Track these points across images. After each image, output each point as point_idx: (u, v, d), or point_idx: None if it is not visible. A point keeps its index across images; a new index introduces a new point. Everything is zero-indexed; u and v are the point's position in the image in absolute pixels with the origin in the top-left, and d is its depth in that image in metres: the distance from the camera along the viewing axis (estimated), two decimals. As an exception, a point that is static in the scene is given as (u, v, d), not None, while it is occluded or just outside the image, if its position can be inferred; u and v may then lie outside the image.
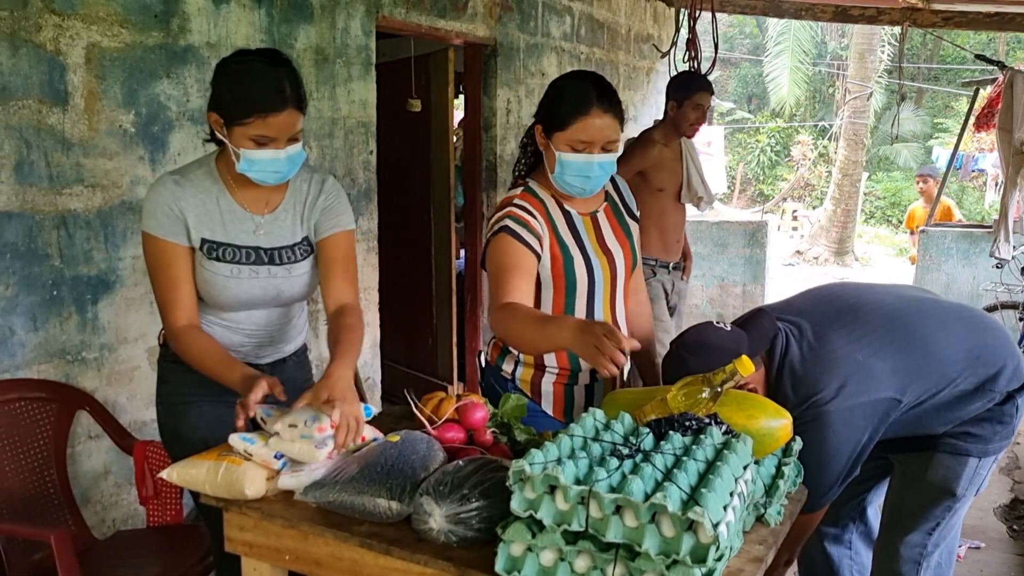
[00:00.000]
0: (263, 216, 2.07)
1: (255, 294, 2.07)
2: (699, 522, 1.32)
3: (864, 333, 2.09)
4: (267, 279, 2.07)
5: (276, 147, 1.92)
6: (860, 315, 2.14)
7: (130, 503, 2.91)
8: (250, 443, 1.77)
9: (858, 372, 2.02)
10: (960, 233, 6.26)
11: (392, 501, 1.63)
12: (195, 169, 2.04)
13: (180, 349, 1.99)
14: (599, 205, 2.25)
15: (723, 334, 2.03)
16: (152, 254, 2.00)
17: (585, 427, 1.65)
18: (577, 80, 2.09)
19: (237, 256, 2.03)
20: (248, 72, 1.90)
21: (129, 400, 2.90)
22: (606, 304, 2.22)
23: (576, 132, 2.02)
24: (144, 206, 1.99)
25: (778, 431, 1.73)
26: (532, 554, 1.45)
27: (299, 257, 2.12)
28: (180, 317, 1.99)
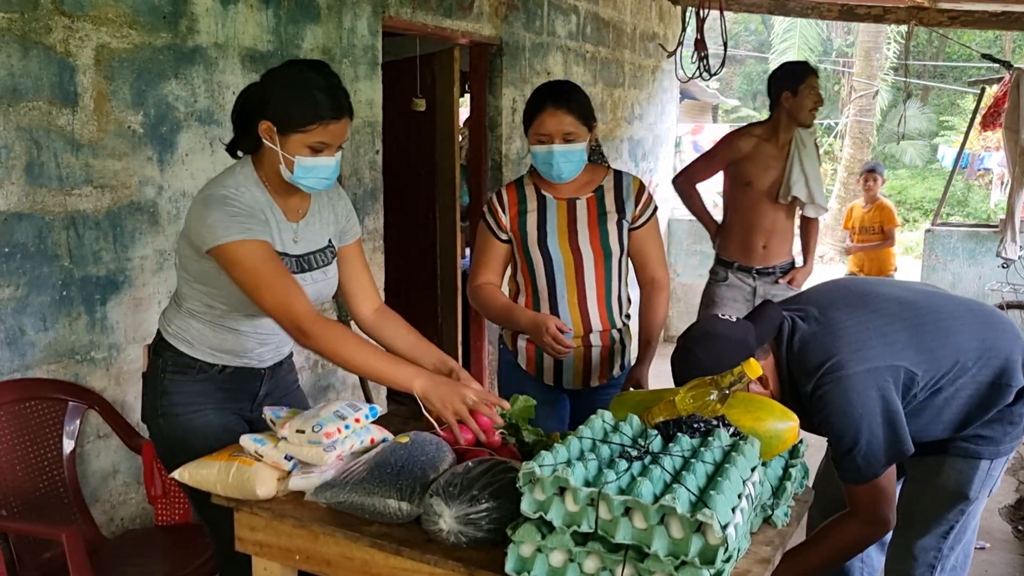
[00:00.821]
0: (298, 224, 2.10)
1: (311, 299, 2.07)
2: (708, 524, 1.33)
3: (873, 312, 2.09)
4: (311, 285, 2.08)
5: (328, 154, 1.97)
6: (869, 301, 2.15)
7: (138, 502, 2.93)
8: (261, 444, 1.78)
9: (872, 338, 2.01)
10: (966, 232, 6.25)
11: (402, 502, 1.64)
12: (240, 181, 2.00)
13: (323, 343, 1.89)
14: (582, 194, 2.53)
15: (729, 325, 2.04)
16: (249, 258, 1.89)
17: (594, 429, 1.66)
18: (539, 88, 2.51)
19: (291, 267, 2.04)
20: (306, 81, 1.93)
21: (137, 399, 2.89)
22: (571, 290, 2.52)
23: (537, 127, 2.40)
24: (208, 223, 1.89)
25: (785, 433, 1.73)
26: (542, 555, 1.46)
27: (329, 260, 2.17)
28: (304, 308, 1.89)
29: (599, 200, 2.52)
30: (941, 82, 21.80)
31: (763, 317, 2.09)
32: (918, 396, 2.02)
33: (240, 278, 1.90)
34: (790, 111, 3.81)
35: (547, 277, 2.52)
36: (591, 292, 2.52)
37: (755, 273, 4.01)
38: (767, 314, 2.10)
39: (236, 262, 1.89)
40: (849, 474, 1.97)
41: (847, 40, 21.62)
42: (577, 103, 2.40)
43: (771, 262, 4.02)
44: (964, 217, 16.29)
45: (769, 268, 4.03)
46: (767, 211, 3.95)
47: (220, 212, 1.90)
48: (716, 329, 2.03)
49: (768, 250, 4.03)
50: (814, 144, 3.90)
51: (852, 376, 1.94)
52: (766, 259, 4.03)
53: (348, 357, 1.91)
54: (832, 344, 2.00)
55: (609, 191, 2.53)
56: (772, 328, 2.07)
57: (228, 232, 1.88)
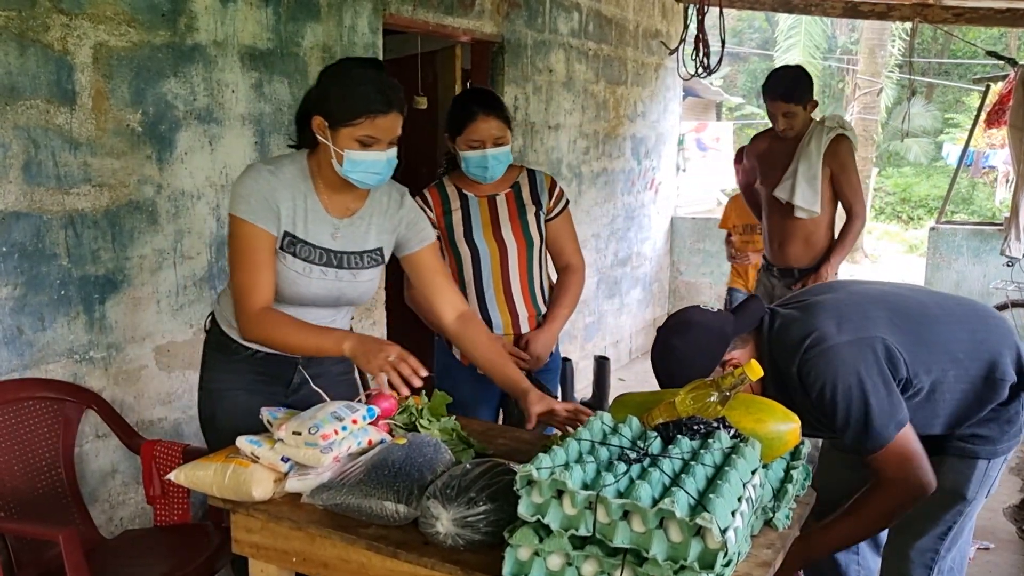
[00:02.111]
0: (342, 220, 2.13)
1: (317, 293, 2.13)
2: (707, 528, 1.31)
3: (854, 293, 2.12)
4: (333, 281, 2.13)
5: (379, 149, 1.99)
6: (851, 288, 2.17)
7: (137, 502, 2.92)
8: (257, 446, 1.77)
9: (852, 313, 2.01)
10: (971, 231, 6.22)
11: (399, 504, 1.63)
12: (288, 164, 2.09)
13: (259, 330, 2.01)
14: (500, 191, 2.72)
15: (706, 314, 2.03)
16: (240, 237, 2.02)
17: (592, 431, 1.64)
18: (463, 96, 2.73)
19: (311, 255, 2.09)
20: (357, 76, 1.98)
21: (136, 399, 2.90)
22: (496, 282, 2.70)
23: (469, 134, 2.56)
24: (236, 191, 2.03)
25: (787, 435, 1.71)
26: (539, 558, 1.44)
27: (366, 265, 2.18)
28: (259, 300, 2.01)
29: (517, 195, 2.74)
30: (945, 79, 21.72)
31: (744, 309, 2.10)
32: (912, 385, 1.99)
33: (229, 250, 2.06)
34: None
35: (474, 270, 2.69)
36: (515, 281, 2.72)
37: (776, 272, 4.04)
38: (749, 306, 2.10)
39: (232, 235, 2.04)
40: (858, 446, 1.93)
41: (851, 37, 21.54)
42: (503, 109, 2.62)
43: (788, 263, 4.01)
44: (969, 215, 16.24)
45: (787, 269, 4.01)
46: (775, 210, 3.99)
47: (246, 186, 2.02)
48: (692, 318, 2.03)
49: (783, 250, 4.03)
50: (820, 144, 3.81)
51: (836, 346, 1.92)
52: (782, 259, 4.04)
53: (280, 340, 1.99)
54: (810, 320, 2.00)
55: (524, 186, 2.76)
56: (752, 319, 2.07)
57: (239, 207, 2.01)
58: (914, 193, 18.80)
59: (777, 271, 4.08)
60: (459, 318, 2.19)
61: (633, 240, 6.48)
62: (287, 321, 2.00)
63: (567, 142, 5.36)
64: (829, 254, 3.90)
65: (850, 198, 3.87)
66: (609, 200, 6.01)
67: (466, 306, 2.24)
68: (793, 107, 3.76)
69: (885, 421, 1.90)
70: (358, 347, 1.88)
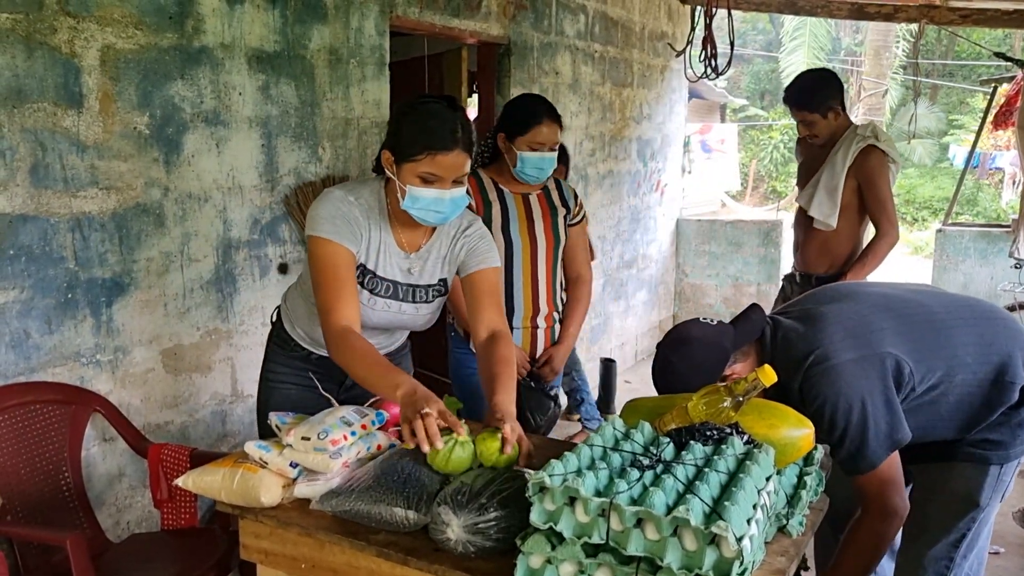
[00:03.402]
0: (411, 255, 2.13)
1: (378, 323, 2.15)
2: (723, 536, 1.30)
3: (858, 303, 2.08)
4: (396, 314, 2.14)
5: (441, 187, 1.96)
6: (854, 295, 2.14)
7: (144, 505, 2.91)
8: (265, 451, 1.76)
9: (857, 327, 1.98)
10: (978, 232, 6.20)
11: (409, 511, 1.61)
12: (366, 193, 2.08)
13: (338, 353, 1.94)
14: (532, 191, 2.85)
15: (707, 328, 2.01)
16: (322, 257, 1.98)
17: (605, 436, 1.63)
18: (528, 99, 2.83)
19: (378, 288, 2.09)
20: (424, 112, 1.96)
21: (144, 402, 2.89)
22: (525, 275, 2.82)
23: (534, 136, 2.69)
24: (316, 213, 2.01)
25: (800, 441, 1.70)
26: (551, 566, 1.43)
27: (431, 298, 2.18)
28: (344, 317, 1.95)
29: (547, 197, 2.88)
30: (950, 80, 21.69)
31: (745, 319, 2.08)
32: (916, 390, 1.98)
33: (312, 270, 2.02)
34: None
35: (505, 261, 2.75)
36: (542, 276, 2.84)
37: (797, 278, 3.97)
38: (750, 316, 2.09)
39: (314, 255, 2.01)
40: (848, 465, 1.95)
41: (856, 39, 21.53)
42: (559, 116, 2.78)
43: (806, 268, 3.93)
44: (974, 217, 16.20)
45: (806, 275, 3.93)
46: (800, 215, 3.91)
47: (327, 208, 2.00)
48: (691, 333, 2.01)
49: (802, 256, 3.97)
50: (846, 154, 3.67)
51: (839, 365, 1.91)
52: (802, 264, 3.98)
53: (353, 369, 1.93)
54: (815, 336, 1.98)
55: (553, 191, 2.92)
56: (753, 330, 2.05)
57: (322, 228, 1.99)
58: (918, 195, 18.76)
59: (798, 277, 4.00)
60: (490, 337, 2.13)
61: (639, 242, 6.47)
62: (360, 351, 1.92)
63: (573, 144, 5.34)
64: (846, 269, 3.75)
65: (877, 214, 3.68)
66: (615, 202, 6.00)
67: (501, 326, 2.16)
68: (808, 115, 3.67)
69: (879, 445, 1.91)
70: (405, 397, 1.78)
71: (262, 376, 2.36)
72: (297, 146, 3.35)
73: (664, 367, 2.00)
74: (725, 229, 7.04)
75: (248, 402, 3.28)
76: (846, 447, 1.89)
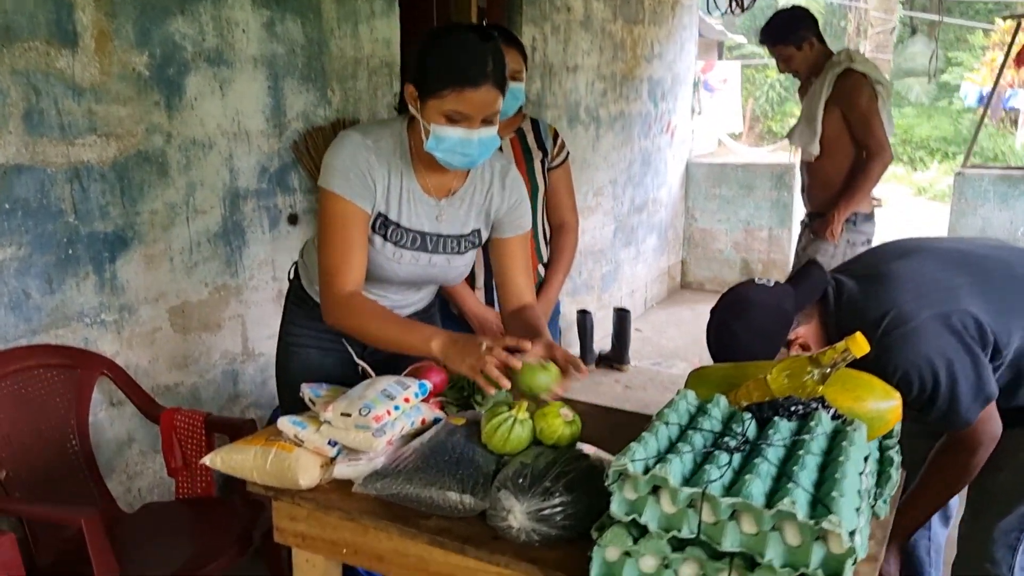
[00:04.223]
0: (440, 201, 1.94)
1: (406, 278, 1.97)
2: (833, 532, 1.16)
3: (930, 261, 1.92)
4: (425, 267, 1.96)
5: (469, 126, 1.76)
6: (924, 252, 1.97)
7: (155, 471, 2.77)
8: (301, 428, 1.61)
9: (933, 282, 1.84)
10: (998, 176, 6.02)
11: (464, 495, 1.47)
12: (386, 136, 1.88)
13: (342, 317, 1.82)
14: (504, 135, 2.52)
15: (765, 290, 1.86)
16: (333, 214, 1.83)
17: (679, 412, 1.48)
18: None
19: (404, 240, 1.91)
20: (452, 43, 1.75)
21: (152, 364, 2.73)
22: None
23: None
24: (330, 162, 1.84)
25: (888, 413, 1.56)
26: (631, 559, 1.29)
27: (463, 249, 2.00)
28: (348, 283, 1.82)
29: (522, 140, 2.60)
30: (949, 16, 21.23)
31: (805, 278, 1.92)
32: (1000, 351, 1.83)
33: (319, 225, 1.87)
34: None
35: None
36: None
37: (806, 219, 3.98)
38: (810, 275, 1.93)
39: (323, 210, 1.85)
40: (939, 425, 1.83)
41: (858, -26, 20.96)
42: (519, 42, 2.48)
43: (815, 208, 3.93)
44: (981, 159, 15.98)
45: (812, 214, 3.96)
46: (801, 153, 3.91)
47: (341, 158, 1.83)
48: (750, 296, 1.86)
49: (809, 196, 3.97)
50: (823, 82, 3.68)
51: (919, 327, 1.76)
52: (808, 203, 3.99)
53: (365, 331, 1.80)
54: (888, 296, 1.82)
55: (529, 132, 2.63)
56: (815, 290, 1.90)
57: (334, 181, 1.82)
58: (916, 134, 18.48)
59: (806, 216, 4.03)
60: (517, 309, 2.00)
61: (649, 186, 6.28)
62: (371, 311, 1.79)
63: (584, 84, 5.12)
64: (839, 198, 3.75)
65: (863, 136, 3.66)
66: (626, 144, 5.79)
67: (531, 299, 2.03)
68: (783, 48, 3.71)
69: (972, 403, 1.78)
70: (449, 347, 1.65)
71: (280, 339, 2.18)
72: (305, 88, 3.14)
73: (723, 334, 1.85)
74: (736, 172, 6.84)
75: (259, 361, 3.12)
76: (936, 410, 1.75)
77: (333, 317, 1.84)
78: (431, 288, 2.18)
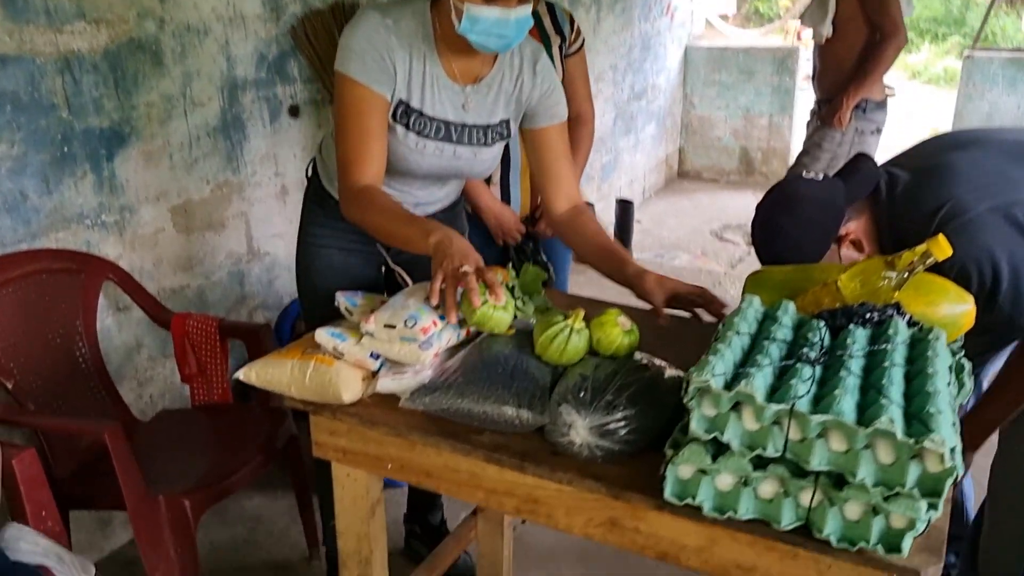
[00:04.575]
0: (466, 88, 1.79)
1: (429, 171, 1.84)
2: (931, 450, 1.09)
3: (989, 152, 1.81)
4: (450, 159, 1.82)
5: (506, 5, 1.60)
6: (982, 143, 1.85)
7: (166, 377, 2.69)
8: (340, 340, 1.51)
9: (992, 174, 1.73)
10: (1007, 59, 5.85)
11: (521, 409, 1.39)
12: (407, 17, 1.73)
13: (356, 212, 1.70)
14: None
15: (815, 185, 1.78)
16: (349, 101, 1.70)
17: (748, 320, 1.39)
18: None
19: (427, 129, 1.77)
20: None
21: (156, 266, 2.61)
22: None
23: None
24: (346, 43, 1.70)
25: (961, 318, 1.48)
26: (707, 477, 1.22)
27: (490, 141, 1.85)
28: (365, 175, 1.70)
29: (538, 24, 2.47)
30: None
31: (855, 172, 1.82)
32: None
33: (335, 112, 1.75)
34: None
35: None
36: None
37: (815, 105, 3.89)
38: (860, 168, 1.83)
39: (339, 96, 1.72)
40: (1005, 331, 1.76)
41: None
42: None
43: (825, 95, 3.83)
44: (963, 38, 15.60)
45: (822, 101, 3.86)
46: None
47: (359, 40, 1.69)
48: (800, 191, 1.77)
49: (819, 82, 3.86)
50: None
51: (977, 218, 1.66)
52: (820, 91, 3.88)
53: (375, 224, 1.68)
54: (945, 188, 1.71)
55: (545, 16, 2.51)
56: (866, 184, 1.80)
57: (351, 65, 1.69)
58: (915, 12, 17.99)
59: (815, 104, 3.92)
60: (571, 209, 1.89)
61: (648, 72, 6.06)
62: (382, 204, 1.66)
63: (587, -37, 4.86)
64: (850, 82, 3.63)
65: (876, 16, 3.52)
66: (626, 28, 5.55)
67: (581, 199, 1.92)
68: None
69: None
70: (439, 246, 1.52)
71: (300, 240, 2.06)
72: (302, -33, 2.92)
73: (773, 232, 1.76)
74: (736, 57, 6.61)
75: (265, 260, 3.01)
76: (999, 309, 1.66)
77: (349, 212, 1.73)
78: (456, 184, 2.06)
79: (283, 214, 3.03)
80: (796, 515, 1.19)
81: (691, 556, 1.31)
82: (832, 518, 1.16)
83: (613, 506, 1.34)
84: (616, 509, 1.34)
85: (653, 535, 1.33)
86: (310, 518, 2.47)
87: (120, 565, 2.50)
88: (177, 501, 1.97)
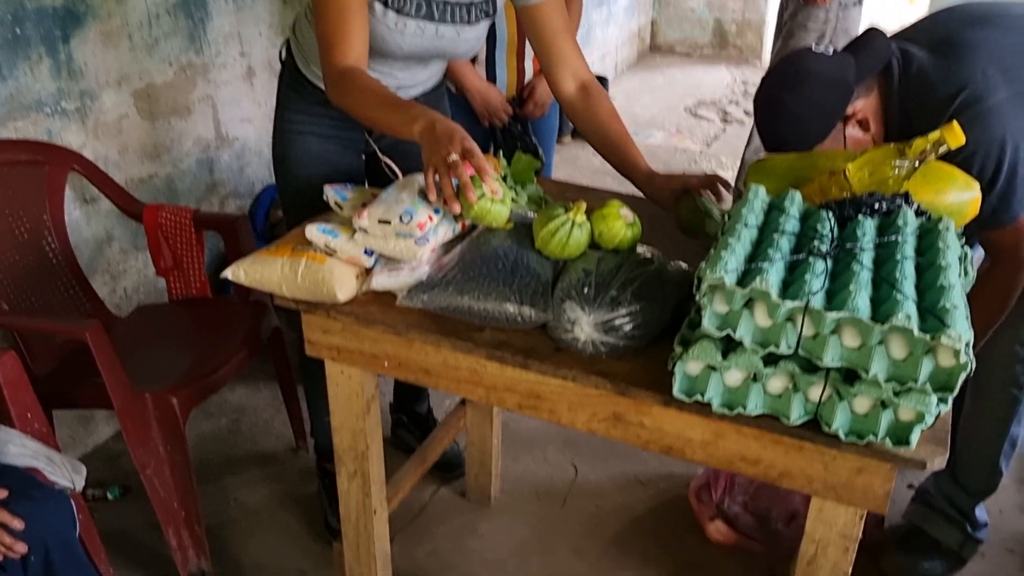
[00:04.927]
0: None
1: (411, 51, 1.75)
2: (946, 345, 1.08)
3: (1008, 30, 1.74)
4: (432, 39, 1.73)
5: None
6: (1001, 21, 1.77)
7: (139, 270, 2.61)
8: (332, 236, 1.46)
9: (1013, 55, 1.67)
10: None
11: (523, 306, 1.36)
12: None
13: (340, 96, 1.60)
14: None
15: (824, 60, 1.68)
16: None
17: (755, 212, 1.36)
18: None
19: (407, 6, 1.67)
20: None
21: (122, 154, 2.49)
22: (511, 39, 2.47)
23: None
24: None
25: (968, 206, 1.46)
26: (715, 373, 1.21)
27: (474, 19, 1.75)
28: (348, 55, 1.59)
29: None
30: None
31: (866, 48, 1.73)
32: None
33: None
34: None
35: None
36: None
37: None
38: (871, 44, 1.74)
39: None
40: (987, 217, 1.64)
41: None
42: None
43: None
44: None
45: None
46: None
47: None
48: (808, 66, 1.67)
49: None
50: None
51: (995, 106, 1.60)
52: None
53: (359, 109, 1.58)
54: (961, 71, 1.65)
55: None
56: (878, 60, 1.72)
57: None
58: None
59: None
60: (580, 89, 1.79)
61: (622, -61, 5.81)
62: (366, 87, 1.56)
63: None
64: None
65: None
66: None
67: (590, 75, 1.82)
68: None
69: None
70: (426, 133, 1.43)
71: (276, 127, 1.96)
72: None
73: (775, 110, 1.68)
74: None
75: (235, 146, 2.89)
76: (991, 197, 1.63)
77: (334, 96, 1.63)
78: (439, 65, 1.96)
79: (251, 97, 2.89)
80: (805, 410, 1.20)
81: (696, 450, 1.32)
82: (841, 412, 1.16)
83: (618, 402, 1.33)
84: (621, 405, 1.34)
85: (658, 430, 1.33)
86: (296, 410, 2.47)
87: (104, 459, 2.49)
88: (164, 399, 1.94)
